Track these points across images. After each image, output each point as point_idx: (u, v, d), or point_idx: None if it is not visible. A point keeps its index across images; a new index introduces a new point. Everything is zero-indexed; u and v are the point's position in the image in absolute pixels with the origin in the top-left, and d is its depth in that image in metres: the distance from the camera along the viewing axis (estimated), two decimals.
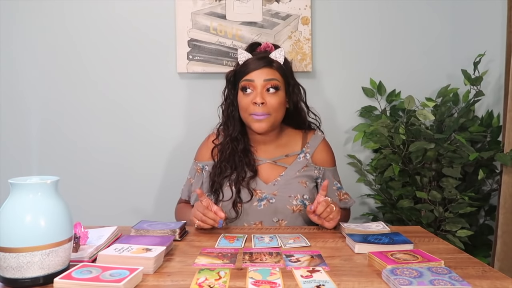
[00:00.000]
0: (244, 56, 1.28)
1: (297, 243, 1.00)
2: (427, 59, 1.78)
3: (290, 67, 1.33)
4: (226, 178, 1.26)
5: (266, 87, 1.23)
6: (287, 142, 1.35)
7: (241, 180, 1.24)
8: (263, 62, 1.24)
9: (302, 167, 1.30)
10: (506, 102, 1.44)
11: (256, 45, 1.34)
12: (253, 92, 1.23)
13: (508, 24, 1.46)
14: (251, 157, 1.29)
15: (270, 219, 1.24)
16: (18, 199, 0.75)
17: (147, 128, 1.76)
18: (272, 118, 1.24)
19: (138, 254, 0.83)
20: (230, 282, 0.76)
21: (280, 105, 1.25)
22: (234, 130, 1.29)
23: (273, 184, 1.26)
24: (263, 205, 1.23)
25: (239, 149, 1.28)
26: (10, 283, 0.74)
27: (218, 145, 1.32)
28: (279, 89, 1.24)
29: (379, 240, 0.97)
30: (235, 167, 1.26)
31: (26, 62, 1.72)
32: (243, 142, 1.29)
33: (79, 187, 1.74)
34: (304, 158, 1.32)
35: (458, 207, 1.46)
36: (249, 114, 1.24)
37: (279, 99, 1.24)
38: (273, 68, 1.25)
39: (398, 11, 1.78)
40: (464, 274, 0.79)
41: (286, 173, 1.28)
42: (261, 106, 1.21)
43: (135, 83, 1.75)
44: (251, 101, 1.22)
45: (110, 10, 1.72)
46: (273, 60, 1.26)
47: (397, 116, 1.69)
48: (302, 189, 1.26)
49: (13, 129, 1.73)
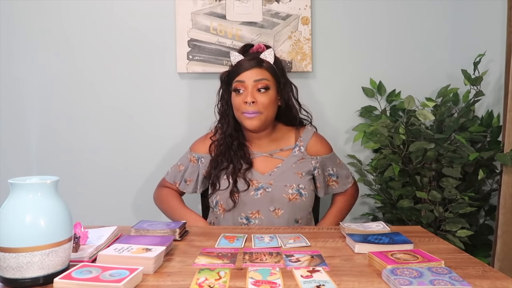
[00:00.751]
0: (236, 57, 1.35)
1: (297, 243, 1.00)
2: (427, 59, 1.79)
3: (281, 66, 1.39)
4: (223, 171, 1.32)
5: (256, 87, 1.29)
6: (280, 137, 1.40)
7: (237, 172, 1.30)
8: (253, 62, 1.31)
9: (298, 159, 1.35)
10: (506, 102, 1.44)
11: (248, 47, 1.40)
12: (245, 92, 1.29)
13: (508, 24, 1.46)
14: (246, 150, 1.36)
15: (267, 208, 1.28)
16: (18, 199, 0.75)
17: (147, 128, 1.76)
18: (263, 116, 1.30)
19: (138, 254, 0.83)
20: (230, 282, 0.76)
21: (270, 103, 1.31)
22: (228, 127, 1.36)
23: (269, 175, 1.32)
24: (259, 194, 1.28)
25: (234, 144, 1.35)
26: (10, 283, 0.74)
27: (215, 141, 1.39)
28: (269, 88, 1.30)
29: (379, 240, 0.97)
30: (231, 160, 1.33)
31: (26, 63, 1.72)
32: (238, 138, 1.36)
33: (79, 187, 1.74)
34: (299, 151, 1.37)
35: (458, 207, 1.46)
36: (241, 113, 1.30)
37: (269, 98, 1.30)
38: (263, 68, 1.31)
39: (398, 11, 1.78)
40: (464, 274, 0.79)
41: (283, 165, 1.34)
42: (252, 105, 1.28)
43: (135, 83, 1.75)
44: (242, 101, 1.29)
45: (110, 11, 1.72)
46: (263, 60, 1.32)
47: (397, 116, 1.69)
48: (297, 179, 1.31)
49: (13, 129, 1.73)
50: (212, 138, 1.40)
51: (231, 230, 1.14)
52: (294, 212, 1.29)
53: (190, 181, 1.41)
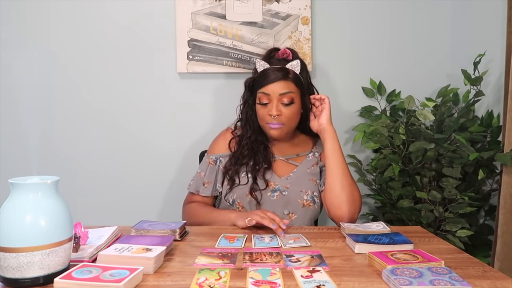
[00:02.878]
0: (261, 65, 1.32)
1: (297, 243, 1.00)
2: (427, 59, 1.79)
3: (306, 75, 1.35)
4: (243, 166, 1.31)
5: (281, 100, 1.28)
6: (299, 143, 1.40)
7: (257, 169, 1.30)
8: (279, 75, 1.28)
9: (312, 164, 1.36)
10: (506, 102, 1.44)
11: (274, 51, 1.37)
12: (269, 104, 1.28)
13: (508, 24, 1.46)
14: (268, 151, 1.35)
15: (282, 211, 1.28)
16: (18, 199, 0.75)
17: (147, 128, 1.76)
18: (286, 127, 1.30)
19: (138, 254, 0.83)
20: (230, 282, 0.76)
21: (294, 115, 1.30)
22: (253, 133, 1.35)
23: (286, 178, 1.32)
24: (276, 196, 1.28)
25: (258, 143, 1.34)
26: (10, 283, 0.74)
27: (236, 137, 1.38)
28: (294, 102, 1.29)
29: (379, 240, 0.97)
30: (253, 156, 1.32)
31: (26, 63, 1.72)
32: (263, 142, 1.36)
33: (79, 187, 1.74)
34: (313, 156, 1.38)
35: (458, 207, 1.46)
36: (265, 123, 1.30)
37: (293, 110, 1.29)
38: (288, 80, 1.28)
39: (398, 11, 1.78)
40: (464, 274, 0.79)
41: (298, 170, 1.34)
42: (276, 118, 1.27)
43: (135, 83, 1.75)
44: (267, 113, 1.28)
45: (110, 11, 1.72)
46: (289, 71, 1.29)
47: (397, 116, 1.69)
48: (312, 186, 1.31)
49: (13, 129, 1.73)
50: (233, 133, 1.39)
51: (231, 230, 1.14)
52: (306, 218, 1.29)
53: (209, 183, 1.35)
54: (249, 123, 1.36)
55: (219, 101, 1.76)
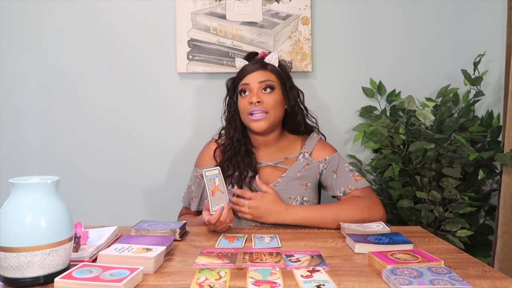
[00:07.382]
0: (241, 63, 1.35)
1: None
2: (427, 59, 1.79)
3: (286, 70, 1.38)
4: (229, 178, 1.28)
5: (261, 87, 1.28)
6: (287, 145, 1.37)
7: (243, 179, 1.27)
8: (258, 65, 1.31)
9: (303, 167, 1.32)
10: (506, 102, 1.44)
11: (253, 55, 1.40)
12: (250, 94, 1.28)
13: (508, 24, 1.46)
14: (253, 157, 1.32)
15: None
16: (18, 199, 0.75)
17: (147, 128, 1.76)
18: (270, 116, 1.27)
19: (138, 254, 0.84)
20: (230, 282, 0.76)
21: (277, 104, 1.29)
22: (236, 132, 1.34)
23: (274, 186, 1.28)
24: None
25: (241, 150, 1.32)
26: (10, 283, 0.74)
27: (220, 146, 1.36)
28: (275, 88, 1.29)
29: (379, 240, 0.97)
30: (237, 166, 1.29)
31: (26, 62, 1.72)
32: (245, 144, 1.33)
33: (80, 187, 1.74)
34: (303, 158, 1.34)
35: (458, 207, 1.46)
36: (247, 115, 1.27)
37: (275, 98, 1.28)
38: (267, 70, 1.31)
39: (398, 11, 1.78)
40: (464, 274, 0.79)
41: (287, 175, 1.30)
42: (258, 105, 1.26)
43: (135, 83, 1.75)
44: (248, 102, 1.27)
45: (110, 10, 1.72)
46: (267, 63, 1.32)
47: (397, 116, 1.69)
48: (302, 191, 1.29)
49: (13, 129, 1.73)
50: (217, 142, 1.37)
51: (231, 230, 1.14)
52: None
53: (196, 198, 1.36)
54: (232, 123, 1.35)
55: (219, 101, 1.76)
